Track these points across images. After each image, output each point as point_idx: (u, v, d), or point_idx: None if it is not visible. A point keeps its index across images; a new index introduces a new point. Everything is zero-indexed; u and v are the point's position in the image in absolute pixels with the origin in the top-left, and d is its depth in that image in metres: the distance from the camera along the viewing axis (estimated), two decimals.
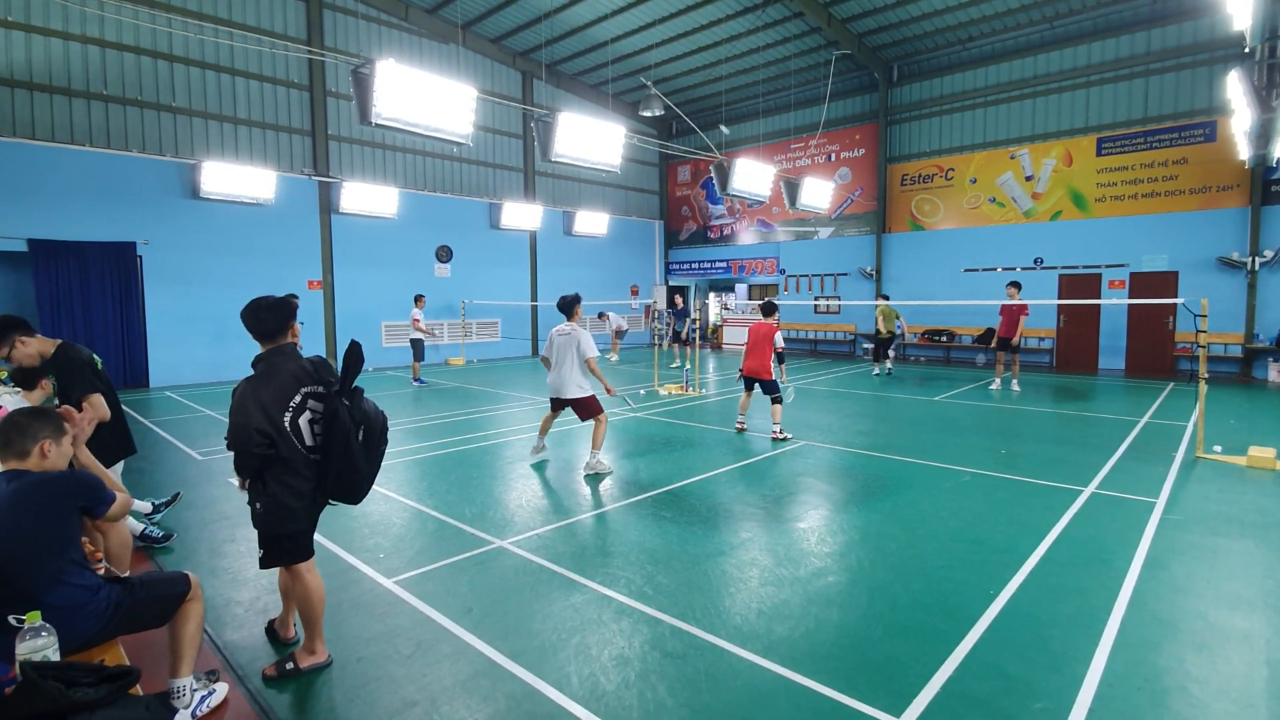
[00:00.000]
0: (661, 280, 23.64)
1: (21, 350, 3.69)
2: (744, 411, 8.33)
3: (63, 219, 11.92)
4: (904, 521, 5.03)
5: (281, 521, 2.87)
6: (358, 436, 2.84)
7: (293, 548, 2.96)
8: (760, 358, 7.90)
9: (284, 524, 2.88)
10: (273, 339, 2.93)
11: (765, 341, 7.87)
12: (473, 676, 3.02)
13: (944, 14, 14.98)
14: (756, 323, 8.11)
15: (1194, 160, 13.67)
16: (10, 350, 3.67)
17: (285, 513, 2.86)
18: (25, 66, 11.67)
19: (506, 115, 18.66)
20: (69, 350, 3.78)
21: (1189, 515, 5.13)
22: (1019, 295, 11.53)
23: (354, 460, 2.83)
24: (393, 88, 7.80)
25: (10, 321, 3.73)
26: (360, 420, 2.86)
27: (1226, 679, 2.95)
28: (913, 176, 17.67)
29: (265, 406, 2.75)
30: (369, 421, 2.89)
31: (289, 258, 14.72)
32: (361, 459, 2.86)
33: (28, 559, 2.31)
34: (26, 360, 3.70)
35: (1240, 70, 8.26)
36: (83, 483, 2.51)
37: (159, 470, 6.76)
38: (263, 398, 2.77)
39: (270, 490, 2.82)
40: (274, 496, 2.83)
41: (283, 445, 2.79)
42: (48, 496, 2.39)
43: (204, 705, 2.74)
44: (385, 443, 3.00)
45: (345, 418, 2.80)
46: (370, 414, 2.90)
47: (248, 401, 2.75)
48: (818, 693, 2.86)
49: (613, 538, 4.76)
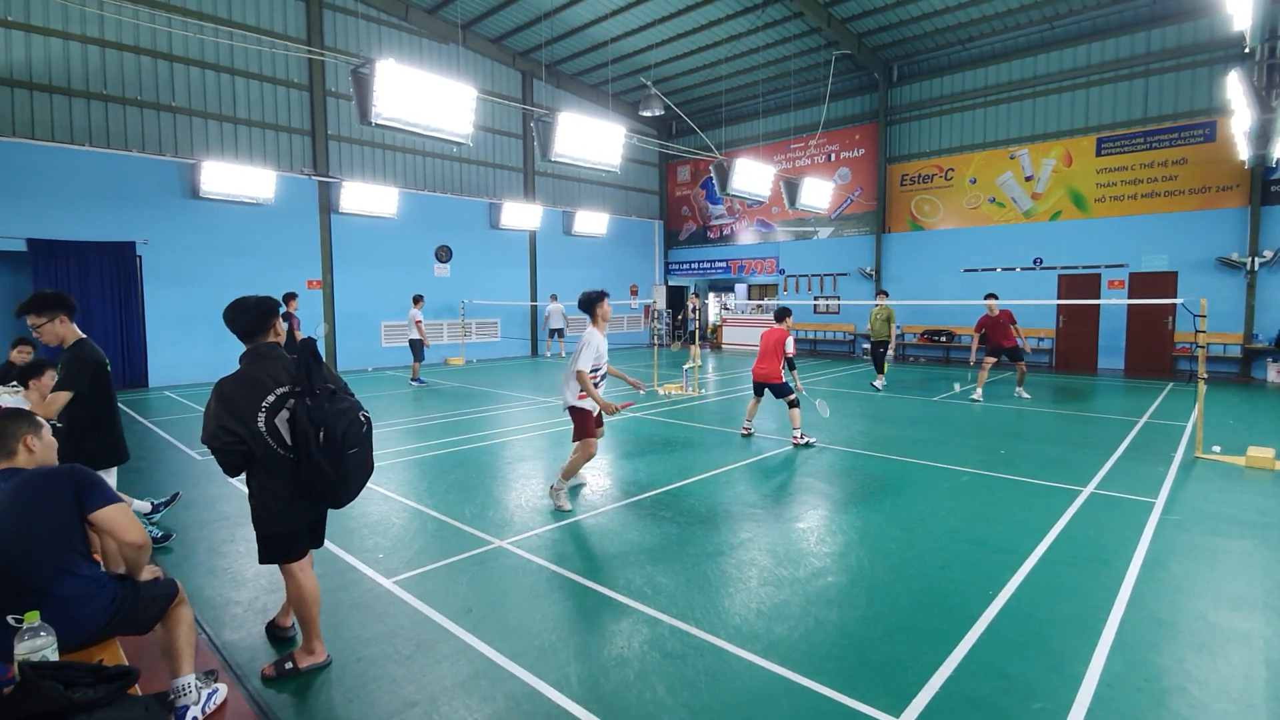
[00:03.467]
0: (661, 280, 23.64)
1: (58, 329, 3.72)
2: (751, 418, 8.23)
3: (62, 219, 11.92)
4: (903, 522, 5.03)
5: (267, 521, 2.87)
6: (317, 439, 2.71)
7: (282, 548, 2.95)
8: (771, 363, 7.84)
9: (270, 524, 2.88)
10: (252, 339, 2.93)
11: (777, 347, 7.82)
12: (472, 677, 3.02)
13: (944, 14, 14.98)
14: (769, 329, 8.04)
15: (1194, 160, 13.68)
16: (48, 324, 3.69)
17: (269, 513, 2.86)
18: (25, 66, 11.66)
19: (506, 115, 18.67)
20: (84, 347, 3.82)
21: (1188, 515, 5.13)
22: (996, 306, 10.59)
23: (316, 464, 2.70)
24: (392, 88, 7.80)
25: (62, 300, 3.77)
26: (319, 422, 2.72)
27: (1226, 679, 2.95)
28: (912, 177, 17.67)
29: (235, 407, 2.72)
30: (328, 424, 2.72)
31: (289, 258, 14.72)
32: (325, 463, 2.72)
33: (33, 552, 2.32)
34: (51, 339, 3.73)
35: (1240, 70, 8.26)
36: (78, 472, 2.50)
37: (158, 470, 6.76)
38: (234, 398, 2.74)
39: (253, 490, 2.86)
40: (258, 496, 2.85)
41: (256, 446, 2.73)
42: (46, 488, 2.40)
43: (211, 702, 2.75)
44: (354, 447, 2.81)
45: (304, 420, 2.71)
46: (331, 417, 2.74)
47: (217, 400, 2.75)
48: (817, 693, 2.86)
49: (612, 538, 4.76)
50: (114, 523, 2.46)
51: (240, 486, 6.09)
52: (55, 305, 3.71)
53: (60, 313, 3.73)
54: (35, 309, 3.66)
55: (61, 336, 3.75)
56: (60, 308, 3.73)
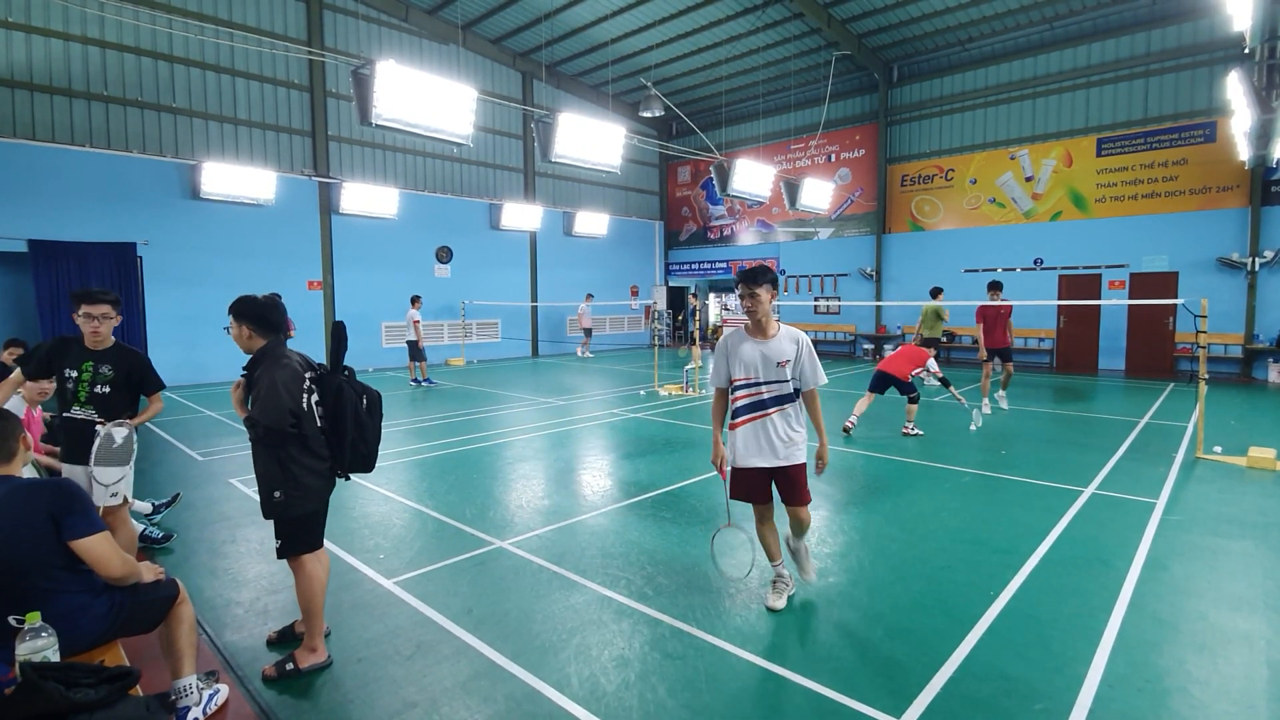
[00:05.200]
0: (661, 281, 23.64)
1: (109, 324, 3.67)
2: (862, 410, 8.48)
3: (63, 220, 11.92)
4: (904, 522, 5.03)
5: (303, 501, 3.01)
6: (362, 405, 3.10)
7: (310, 532, 3.09)
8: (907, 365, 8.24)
9: (306, 503, 3.02)
10: (277, 333, 3.14)
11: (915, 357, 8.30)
12: (473, 677, 3.02)
13: (944, 14, 14.98)
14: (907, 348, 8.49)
15: (1194, 161, 13.67)
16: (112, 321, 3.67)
17: (307, 492, 3.01)
18: (25, 67, 11.67)
19: (507, 116, 18.67)
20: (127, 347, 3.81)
21: (1189, 516, 5.13)
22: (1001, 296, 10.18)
23: (364, 429, 3.11)
24: (393, 88, 7.81)
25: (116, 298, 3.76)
26: (362, 391, 3.13)
27: (1227, 680, 2.95)
28: (913, 177, 17.67)
29: (292, 392, 2.94)
30: (369, 391, 3.16)
31: (289, 258, 14.73)
32: (369, 427, 3.13)
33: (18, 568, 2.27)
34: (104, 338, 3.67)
35: (1240, 71, 8.26)
36: (61, 493, 2.37)
37: (159, 471, 6.76)
38: (289, 384, 2.94)
39: (291, 473, 2.97)
40: (295, 479, 2.97)
41: (306, 425, 2.98)
42: (21, 515, 2.30)
43: (212, 703, 2.75)
44: (382, 413, 3.26)
45: (349, 390, 3.06)
46: (368, 386, 3.20)
47: (282, 389, 2.90)
48: (818, 693, 2.86)
49: (613, 538, 4.76)
50: (93, 554, 2.35)
51: (240, 487, 6.09)
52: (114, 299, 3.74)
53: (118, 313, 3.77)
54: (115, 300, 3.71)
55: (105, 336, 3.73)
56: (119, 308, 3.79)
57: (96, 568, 2.39)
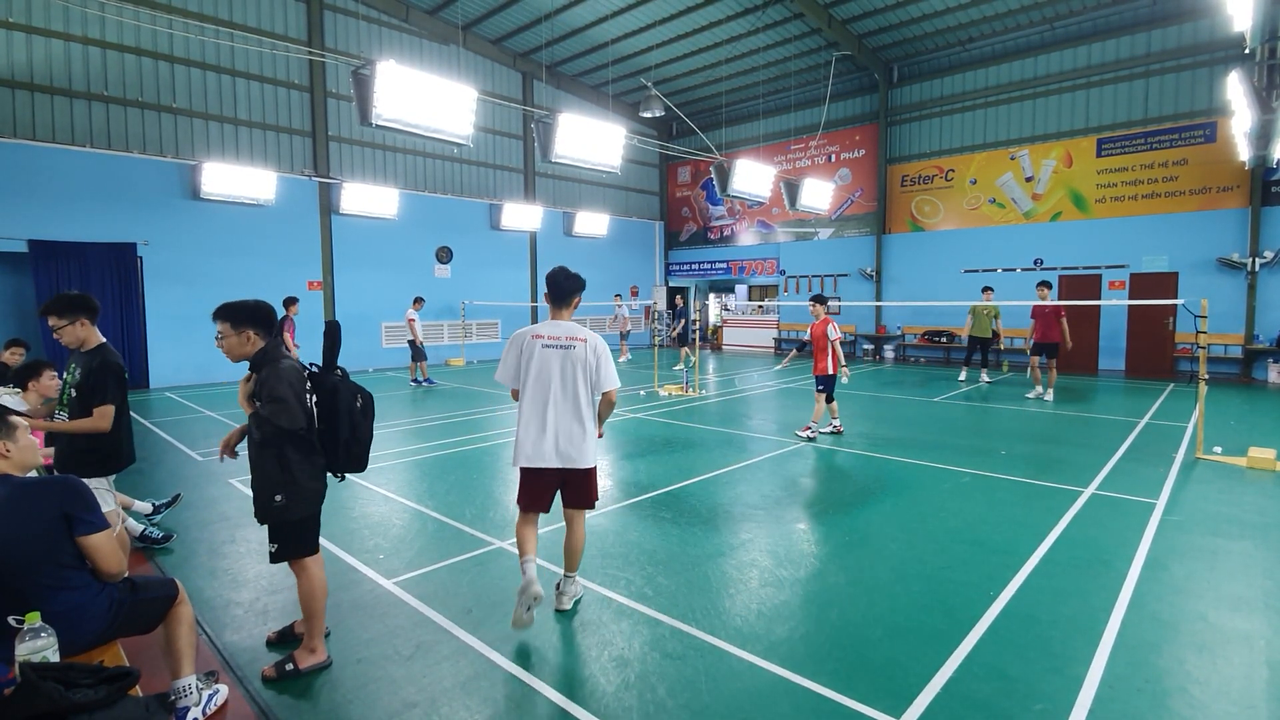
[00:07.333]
0: (662, 281, 23.63)
1: (79, 331, 3.64)
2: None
3: (63, 220, 11.92)
4: (903, 522, 5.03)
5: (301, 504, 3.00)
6: (357, 405, 3.11)
7: (308, 535, 3.08)
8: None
9: (305, 505, 3.02)
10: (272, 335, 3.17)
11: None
12: (473, 678, 3.02)
13: (944, 15, 14.98)
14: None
15: (1194, 161, 13.67)
16: (69, 326, 3.63)
17: (305, 494, 3.00)
18: (25, 67, 11.67)
19: (507, 116, 18.67)
20: (108, 353, 3.72)
21: (1189, 516, 5.12)
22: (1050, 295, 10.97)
23: (358, 429, 3.11)
24: (393, 89, 7.80)
25: (86, 302, 3.70)
26: (356, 390, 3.13)
27: (1227, 680, 2.95)
28: (913, 177, 17.67)
29: (298, 392, 2.96)
30: (362, 391, 3.16)
31: (289, 259, 14.73)
32: (363, 427, 3.14)
33: (23, 572, 2.28)
34: (71, 341, 3.65)
35: (1240, 71, 8.26)
36: (71, 490, 2.42)
37: (159, 471, 6.76)
38: (296, 384, 2.96)
39: (292, 475, 2.95)
40: (296, 481, 2.97)
41: (309, 424, 3.00)
42: (32, 510, 2.33)
43: (211, 703, 2.75)
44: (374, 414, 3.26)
45: (346, 389, 3.07)
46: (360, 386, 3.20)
47: (289, 389, 2.91)
48: (818, 694, 2.86)
49: (613, 539, 4.76)
50: (98, 550, 2.44)
51: (240, 487, 6.09)
52: (78, 308, 3.66)
53: (82, 315, 3.67)
54: (58, 310, 3.62)
55: (82, 339, 3.68)
56: (83, 310, 3.68)
57: (99, 564, 2.45)
